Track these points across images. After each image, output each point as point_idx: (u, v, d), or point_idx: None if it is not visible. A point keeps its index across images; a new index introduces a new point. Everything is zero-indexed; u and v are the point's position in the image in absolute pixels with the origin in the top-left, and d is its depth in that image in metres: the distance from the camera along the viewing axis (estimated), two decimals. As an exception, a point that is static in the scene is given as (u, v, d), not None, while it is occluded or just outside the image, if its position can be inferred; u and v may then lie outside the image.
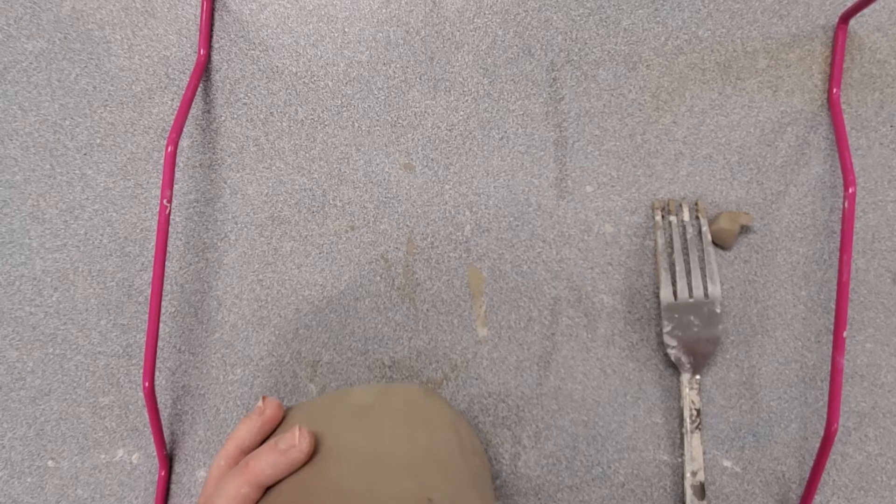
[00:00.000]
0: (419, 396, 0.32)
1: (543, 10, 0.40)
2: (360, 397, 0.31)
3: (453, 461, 0.30)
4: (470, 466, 0.31)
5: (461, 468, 0.30)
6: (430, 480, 0.27)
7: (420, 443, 0.29)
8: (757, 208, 0.39)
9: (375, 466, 0.27)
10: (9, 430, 0.39)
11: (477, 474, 0.31)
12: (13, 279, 0.40)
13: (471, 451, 0.32)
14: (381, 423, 0.29)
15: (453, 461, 0.30)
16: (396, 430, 0.29)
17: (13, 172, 0.40)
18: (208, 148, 0.40)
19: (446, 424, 0.31)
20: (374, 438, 0.29)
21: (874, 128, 0.39)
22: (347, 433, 0.29)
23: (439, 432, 0.30)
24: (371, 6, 0.41)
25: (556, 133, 0.40)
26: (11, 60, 0.41)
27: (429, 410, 0.31)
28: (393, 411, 0.30)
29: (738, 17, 0.40)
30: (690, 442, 0.37)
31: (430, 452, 0.29)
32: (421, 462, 0.28)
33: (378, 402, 0.31)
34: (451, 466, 0.29)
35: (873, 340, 0.39)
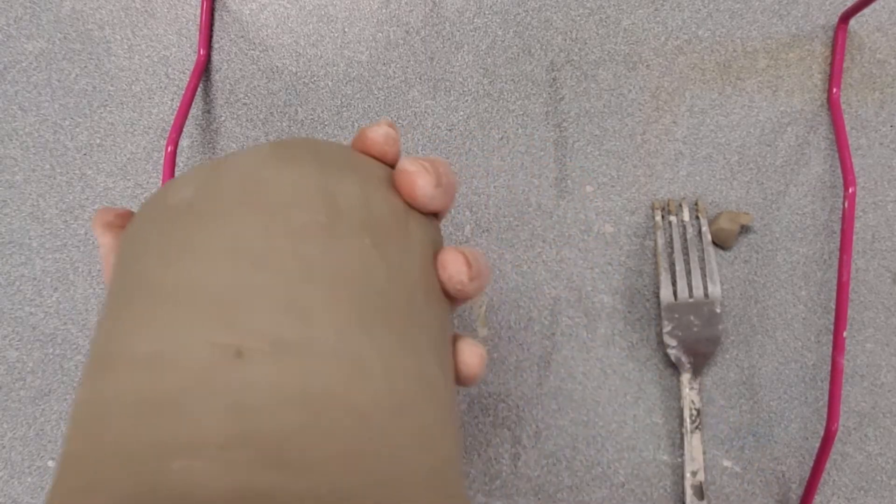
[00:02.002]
0: (263, 167, 0.19)
1: (543, 10, 0.40)
2: (179, 190, 0.20)
3: (331, 265, 0.18)
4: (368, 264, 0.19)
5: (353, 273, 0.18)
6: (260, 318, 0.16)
7: (259, 253, 0.18)
8: (757, 208, 0.39)
9: (179, 309, 0.17)
10: (9, 430, 0.39)
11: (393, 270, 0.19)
12: (13, 279, 0.40)
13: (359, 225, 0.19)
14: (205, 230, 0.18)
15: (331, 265, 0.18)
16: (218, 239, 0.18)
17: (13, 172, 0.40)
18: (208, 148, 0.40)
19: (308, 203, 0.19)
20: (188, 262, 0.18)
21: (874, 128, 0.39)
22: (155, 259, 0.18)
23: (298, 223, 0.18)
24: (371, 6, 0.41)
25: (556, 133, 0.40)
26: (11, 60, 0.41)
27: (280, 187, 0.19)
28: (223, 206, 0.19)
29: (738, 17, 0.40)
30: (690, 442, 0.37)
31: (273, 258, 0.18)
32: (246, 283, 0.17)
33: (200, 193, 0.19)
34: (321, 273, 0.18)
35: (873, 340, 0.39)
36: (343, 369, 0.16)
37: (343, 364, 0.16)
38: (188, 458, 0.14)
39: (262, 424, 0.15)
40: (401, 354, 0.18)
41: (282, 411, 0.15)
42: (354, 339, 0.17)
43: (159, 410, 0.15)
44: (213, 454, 0.15)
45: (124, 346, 0.17)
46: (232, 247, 0.18)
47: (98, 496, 0.15)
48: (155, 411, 0.15)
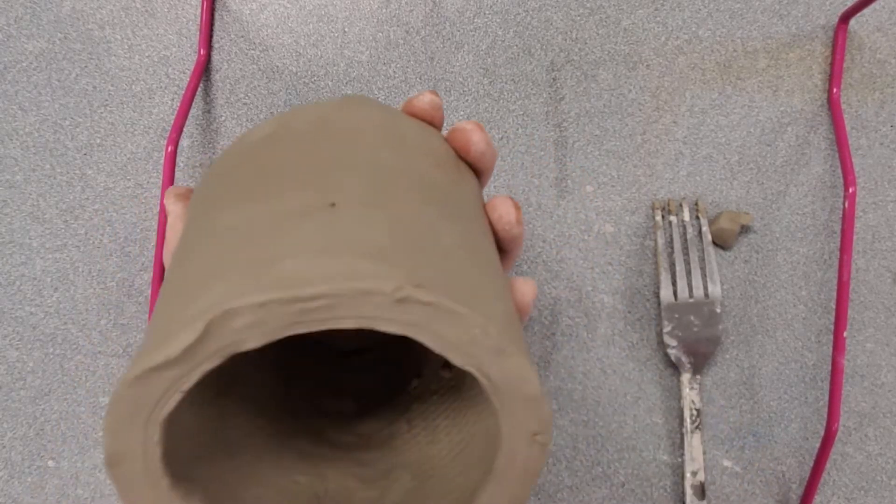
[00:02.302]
0: (336, 109, 0.23)
1: (543, 10, 0.40)
2: (260, 129, 0.23)
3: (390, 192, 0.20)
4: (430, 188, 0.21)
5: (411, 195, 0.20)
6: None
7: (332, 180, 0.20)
8: (757, 208, 0.39)
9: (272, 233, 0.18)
10: (9, 430, 0.39)
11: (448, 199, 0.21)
12: (13, 279, 0.40)
13: (423, 159, 0.22)
14: (287, 150, 0.21)
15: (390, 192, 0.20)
16: (300, 155, 0.21)
17: (13, 172, 0.40)
18: (208, 148, 0.40)
19: (376, 131, 0.22)
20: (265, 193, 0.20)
21: (874, 128, 0.39)
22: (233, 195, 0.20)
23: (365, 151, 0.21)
24: (371, 6, 0.41)
25: (556, 133, 0.40)
26: (11, 60, 0.41)
27: (350, 120, 0.22)
28: (302, 134, 0.22)
29: (738, 17, 0.40)
30: (690, 442, 0.37)
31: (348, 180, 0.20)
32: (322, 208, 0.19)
33: (279, 128, 0.22)
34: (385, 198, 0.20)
35: (873, 340, 0.39)
36: (420, 229, 0.19)
37: (420, 225, 0.19)
38: (294, 259, 0.16)
39: (362, 239, 0.17)
40: (464, 238, 0.20)
41: (375, 235, 0.17)
42: (426, 215, 0.19)
43: (264, 240, 0.17)
44: (317, 253, 0.16)
45: (222, 216, 0.19)
46: (314, 153, 0.20)
47: (214, 289, 0.16)
48: (260, 241, 0.17)
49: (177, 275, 0.18)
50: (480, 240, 0.21)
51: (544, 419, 0.18)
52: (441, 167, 0.22)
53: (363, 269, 0.16)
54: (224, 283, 0.16)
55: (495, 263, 0.21)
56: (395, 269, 0.16)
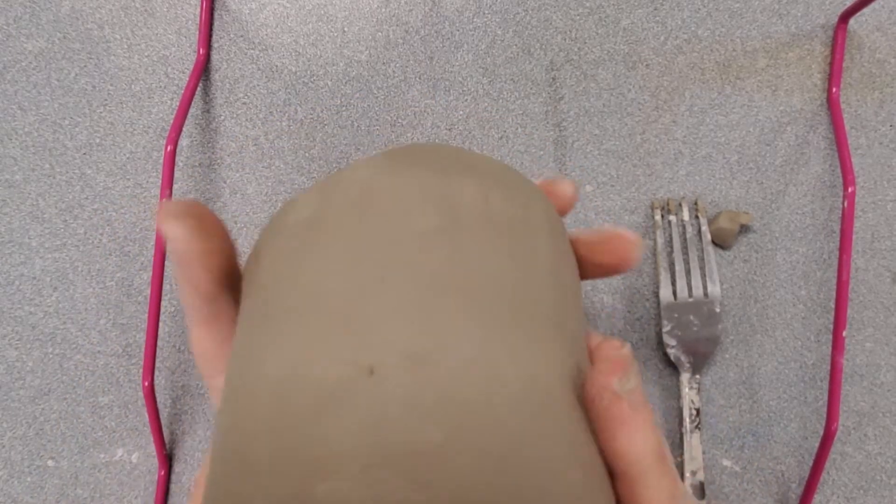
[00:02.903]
0: (378, 176, 0.19)
1: (543, 10, 0.40)
2: (299, 209, 0.20)
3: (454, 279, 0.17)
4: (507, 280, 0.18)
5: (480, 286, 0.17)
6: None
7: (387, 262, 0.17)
8: (757, 208, 0.39)
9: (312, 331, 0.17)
10: (9, 430, 0.39)
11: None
12: (13, 279, 0.40)
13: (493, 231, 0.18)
14: (325, 245, 0.18)
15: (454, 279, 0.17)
16: (340, 253, 0.18)
17: (13, 172, 0.40)
18: (208, 148, 0.40)
19: (426, 207, 0.18)
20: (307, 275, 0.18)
21: (874, 127, 0.39)
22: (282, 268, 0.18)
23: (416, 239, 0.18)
24: (370, 6, 0.41)
25: (556, 132, 0.40)
26: (11, 60, 0.41)
27: (395, 194, 0.19)
28: (342, 220, 0.18)
29: (737, 16, 0.40)
30: (690, 441, 0.37)
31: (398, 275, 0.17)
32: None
33: (319, 209, 0.19)
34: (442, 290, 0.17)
35: (873, 340, 0.39)
36: (479, 377, 0.16)
37: (479, 372, 0.16)
38: (331, 481, 0.14)
39: (401, 440, 0.15)
40: (537, 357, 0.17)
41: (419, 426, 0.15)
42: (487, 346, 0.16)
43: (297, 433, 0.15)
44: (354, 475, 0.14)
45: (257, 368, 0.17)
46: (353, 259, 0.17)
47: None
48: (292, 434, 0.15)
49: (225, 443, 0.17)
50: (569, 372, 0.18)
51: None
52: (505, 240, 0.18)
53: (401, 500, 0.14)
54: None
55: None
56: (439, 492, 0.14)
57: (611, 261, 0.22)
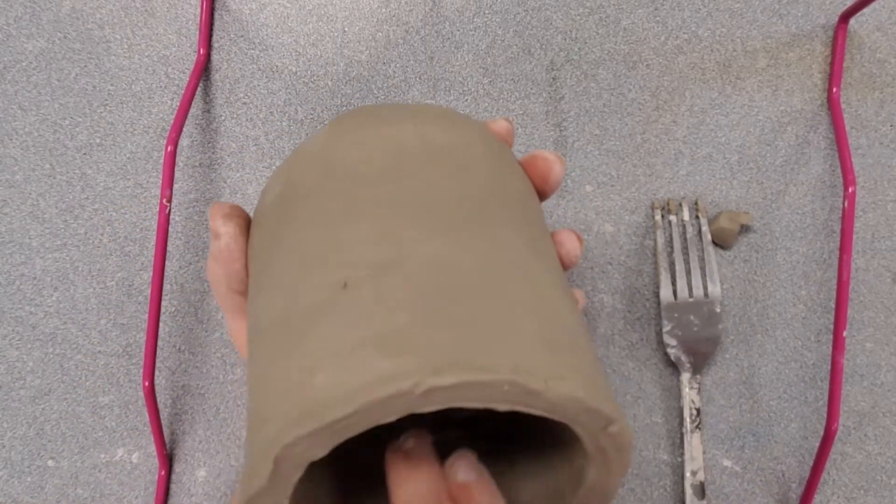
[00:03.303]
0: (326, 143, 0.23)
1: (543, 10, 0.40)
2: (271, 189, 0.24)
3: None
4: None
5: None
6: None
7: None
8: (757, 208, 0.39)
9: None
10: (9, 430, 0.39)
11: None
12: (13, 279, 0.40)
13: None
14: (298, 213, 0.22)
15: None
16: (311, 213, 0.22)
17: (13, 172, 0.40)
18: (208, 147, 0.40)
19: (371, 154, 0.22)
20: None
21: (874, 127, 0.39)
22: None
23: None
24: (371, 6, 0.41)
25: (556, 132, 0.40)
26: (11, 60, 0.41)
27: (346, 153, 0.23)
28: (306, 188, 0.22)
29: (738, 16, 0.40)
30: (690, 441, 0.37)
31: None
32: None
33: (286, 187, 0.23)
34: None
35: (873, 340, 0.39)
36: (435, 270, 0.19)
37: (434, 265, 0.19)
38: (323, 372, 0.17)
39: (373, 332, 0.17)
40: (483, 246, 0.20)
41: (387, 316, 0.18)
42: (437, 245, 0.19)
43: (294, 349, 0.18)
44: (339, 363, 0.17)
45: (265, 310, 0.21)
46: (320, 211, 0.21)
47: (272, 424, 0.17)
48: (291, 350, 0.18)
49: (249, 382, 0.20)
50: (545, 265, 0.21)
51: (629, 462, 0.20)
52: (443, 164, 0.22)
53: (382, 372, 0.17)
54: (275, 417, 0.18)
55: (558, 282, 0.21)
56: (411, 358, 0.17)
57: (534, 179, 0.25)
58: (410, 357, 0.17)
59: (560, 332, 0.19)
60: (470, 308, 0.18)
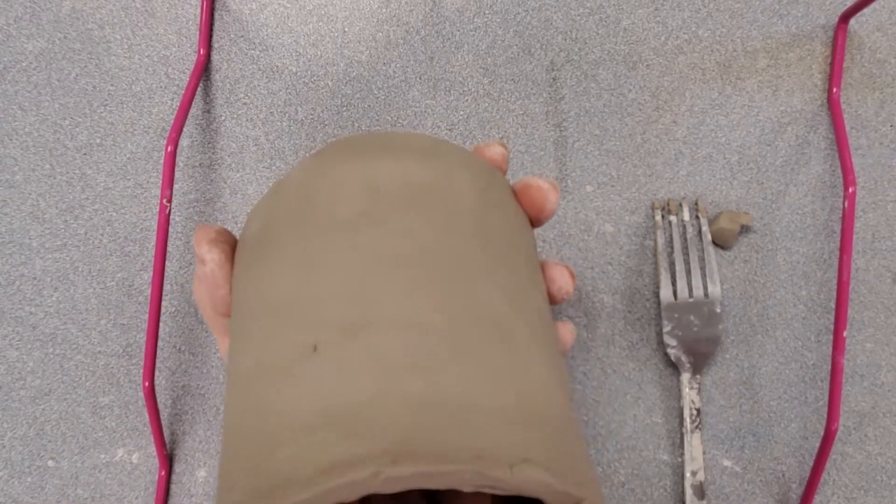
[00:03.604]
0: (305, 178, 0.22)
1: (543, 10, 0.40)
2: (250, 225, 0.23)
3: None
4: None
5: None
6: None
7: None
8: (757, 208, 0.39)
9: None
10: (9, 430, 0.39)
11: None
12: (13, 279, 0.40)
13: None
14: (271, 254, 0.22)
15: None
16: (284, 257, 0.21)
17: (13, 172, 0.40)
18: (208, 148, 0.40)
19: (348, 196, 0.21)
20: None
21: (874, 127, 0.39)
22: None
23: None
24: (371, 6, 0.41)
25: (556, 133, 0.40)
26: (11, 60, 0.41)
27: (320, 192, 0.22)
28: (280, 227, 0.22)
29: (738, 16, 0.40)
30: (690, 441, 0.37)
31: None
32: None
33: (263, 223, 0.23)
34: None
35: (873, 340, 0.39)
36: (405, 330, 0.18)
37: (407, 332, 0.18)
38: (285, 447, 0.17)
39: (336, 402, 0.17)
40: (457, 301, 0.19)
41: (351, 386, 0.17)
42: (415, 306, 0.19)
43: (260, 412, 0.18)
44: (302, 439, 0.17)
45: (234, 367, 0.20)
46: (293, 259, 0.20)
47: (237, 492, 0.17)
48: (257, 414, 0.18)
49: (224, 429, 0.20)
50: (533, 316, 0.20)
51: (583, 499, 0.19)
52: (425, 209, 0.21)
53: (340, 456, 0.16)
54: (241, 486, 0.17)
55: (548, 341, 0.20)
56: (372, 442, 0.16)
57: (528, 209, 0.24)
58: (369, 442, 0.16)
59: (532, 403, 0.18)
60: (437, 381, 0.17)
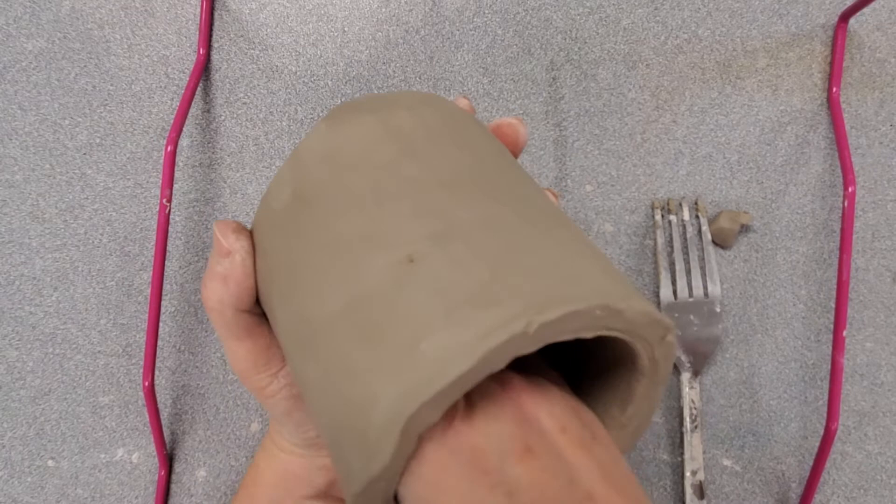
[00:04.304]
0: (328, 138, 0.24)
1: (543, 10, 0.40)
2: (280, 193, 0.24)
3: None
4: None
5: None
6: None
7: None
8: (757, 207, 0.39)
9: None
10: (9, 430, 0.39)
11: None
12: (13, 279, 0.40)
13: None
14: (320, 209, 0.22)
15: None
16: (337, 207, 0.22)
17: (13, 172, 0.40)
18: (208, 147, 0.40)
19: (379, 144, 0.23)
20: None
21: (874, 127, 0.39)
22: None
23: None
24: (371, 5, 0.41)
25: (556, 132, 0.40)
26: (11, 60, 0.41)
27: (352, 145, 0.23)
28: (319, 186, 0.23)
29: (737, 16, 0.40)
30: (690, 441, 0.37)
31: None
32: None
33: (297, 185, 0.23)
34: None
35: (873, 339, 0.39)
36: (496, 232, 0.20)
37: (492, 229, 0.20)
38: (425, 340, 0.18)
39: (463, 289, 0.18)
40: (522, 205, 0.21)
41: (468, 274, 0.19)
42: (482, 209, 0.20)
43: (381, 326, 0.19)
44: (441, 325, 0.18)
45: (326, 302, 0.20)
46: (349, 203, 0.21)
47: (385, 401, 0.17)
48: (377, 328, 0.19)
49: (317, 371, 0.20)
50: (551, 211, 0.22)
51: (670, 371, 0.21)
52: (437, 139, 0.23)
53: (490, 322, 0.17)
54: (386, 394, 0.17)
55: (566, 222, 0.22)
56: (512, 303, 0.17)
57: (510, 144, 0.27)
58: (509, 305, 0.17)
59: (605, 261, 0.21)
60: (535, 255, 0.19)
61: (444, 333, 0.17)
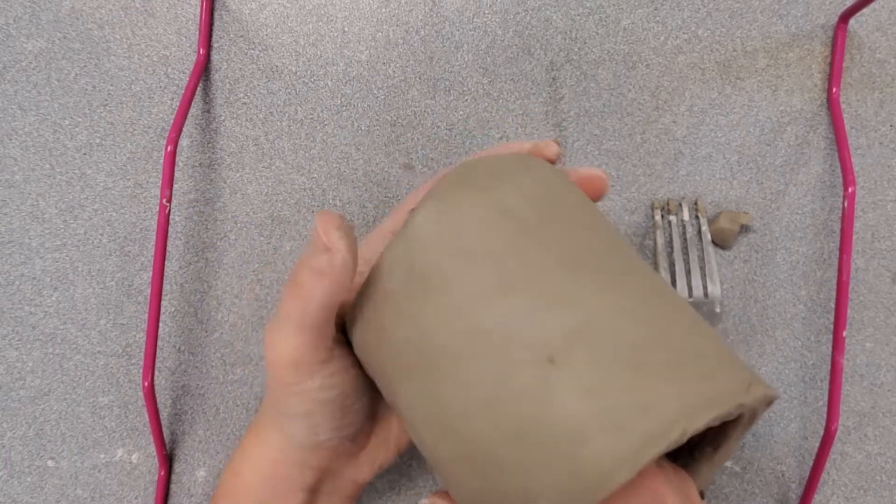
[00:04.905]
0: (440, 225, 0.23)
1: (543, 10, 0.40)
2: (390, 279, 0.24)
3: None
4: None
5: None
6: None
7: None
8: (757, 208, 0.39)
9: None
10: (9, 430, 0.39)
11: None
12: (13, 279, 0.40)
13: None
14: (441, 295, 0.22)
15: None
16: (460, 296, 0.22)
17: (13, 172, 0.40)
18: (208, 147, 0.40)
19: (496, 227, 0.23)
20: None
21: (874, 127, 0.39)
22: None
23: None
24: (371, 6, 0.41)
25: (556, 132, 0.40)
26: (11, 60, 0.41)
27: (470, 230, 0.23)
28: (442, 268, 0.23)
29: (737, 16, 0.40)
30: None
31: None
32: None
33: (410, 274, 0.23)
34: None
35: (873, 340, 0.39)
36: (625, 325, 0.20)
37: (622, 321, 0.20)
38: (588, 443, 0.19)
39: (613, 391, 0.19)
40: (635, 285, 0.22)
41: (613, 379, 0.19)
42: (612, 298, 0.21)
43: (531, 431, 0.19)
44: (601, 430, 0.19)
45: (463, 397, 0.21)
46: (481, 292, 0.21)
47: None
48: (527, 432, 0.19)
49: (455, 451, 0.21)
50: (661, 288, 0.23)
51: (776, 396, 0.22)
52: (551, 219, 0.23)
53: (644, 430, 0.18)
54: (546, 489, 0.18)
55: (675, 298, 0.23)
56: (663, 408, 0.18)
57: (590, 194, 0.28)
58: (662, 407, 0.18)
59: (720, 341, 0.21)
60: (668, 348, 0.20)
61: (602, 441, 0.18)
